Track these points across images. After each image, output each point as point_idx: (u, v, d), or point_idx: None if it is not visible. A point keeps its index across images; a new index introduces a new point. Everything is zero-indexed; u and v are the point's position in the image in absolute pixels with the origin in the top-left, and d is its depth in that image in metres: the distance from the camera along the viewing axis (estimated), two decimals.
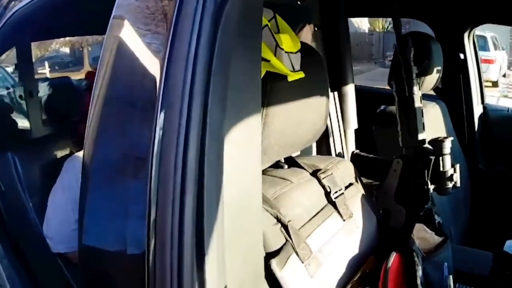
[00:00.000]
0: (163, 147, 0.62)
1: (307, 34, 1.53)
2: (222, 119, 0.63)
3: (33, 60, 2.08)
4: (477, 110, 2.27)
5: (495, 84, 11.95)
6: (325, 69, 1.02)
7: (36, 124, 1.91)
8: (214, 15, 0.61)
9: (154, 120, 0.63)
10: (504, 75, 13.79)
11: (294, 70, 0.86)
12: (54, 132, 1.90)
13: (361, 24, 18.09)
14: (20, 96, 2.04)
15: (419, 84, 1.30)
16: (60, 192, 1.47)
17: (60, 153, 1.73)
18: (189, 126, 0.60)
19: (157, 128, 0.63)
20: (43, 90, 2.01)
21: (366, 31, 21.12)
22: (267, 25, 0.85)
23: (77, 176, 1.43)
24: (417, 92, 1.28)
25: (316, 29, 1.60)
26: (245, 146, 0.69)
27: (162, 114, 0.63)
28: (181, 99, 0.61)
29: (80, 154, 1.50)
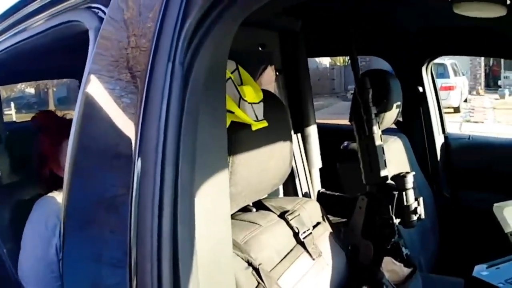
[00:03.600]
0: (139, 212, 0.65)
1: (269, 75, 1.56)
2: (192, 176, 0.66)
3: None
4: (439, 140, 2.31)
5: (457, 109, 12.32)
6: (288, 115, 1.07)
7: (5, 168, 1.89)
8: (182, 81, 0.65)
9: (131, 183, 0.66)
10: (465, 100, 14.25)
11: (257, 120, 0.90)
12: (22, 176, 1.89)
13: (322, 59, 18.44)
14: None
15: (378, 123, 1.35)
16: (30, 236, 1.45)
17: (30, 198, 1.71)
18: (163, 189, 0.63)
19: (134, 193, 0.66)
20: (9, 135, 2.00)
21: (328, 65, 21.43)
22: (230, 77, 0.89)
23: (46, 219, 1.43)
24: (377, 131, 1.33)
25: (277, 73, 1.65)
26: (214, 200, 0.71)
27: (136, 177, 0.66)
28: (155, 162, 0.64)
29: (50, 195, 1.50)
